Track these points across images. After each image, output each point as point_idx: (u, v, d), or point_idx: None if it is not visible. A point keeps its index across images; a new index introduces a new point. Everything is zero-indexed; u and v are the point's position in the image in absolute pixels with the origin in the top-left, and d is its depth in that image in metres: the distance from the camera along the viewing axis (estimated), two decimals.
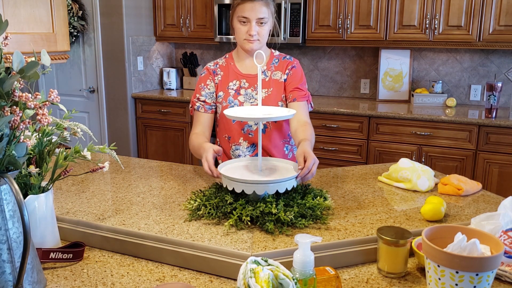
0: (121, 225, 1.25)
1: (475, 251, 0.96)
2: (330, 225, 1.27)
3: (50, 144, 1.16)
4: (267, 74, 1.85)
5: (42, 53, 1.00)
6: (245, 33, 1.73)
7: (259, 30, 1.72)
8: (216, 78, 1.86)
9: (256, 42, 1.74)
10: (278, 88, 1.83)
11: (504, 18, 3.18)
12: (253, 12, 1.68)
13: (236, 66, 1.86)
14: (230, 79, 1.84)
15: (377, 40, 3.57)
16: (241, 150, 1.86)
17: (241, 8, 1.70)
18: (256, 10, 1.69)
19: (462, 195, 1.55)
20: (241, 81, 1.84)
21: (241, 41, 1.77)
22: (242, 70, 1.85)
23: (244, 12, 1.69)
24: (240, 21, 1.72)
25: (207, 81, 1.86)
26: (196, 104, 1.85)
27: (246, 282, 0.84)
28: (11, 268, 0.94)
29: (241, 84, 1.83)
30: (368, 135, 3.42)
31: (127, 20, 4.09)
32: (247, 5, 1.69)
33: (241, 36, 1.75)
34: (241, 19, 1.71)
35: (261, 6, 1.69)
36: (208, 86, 1.85)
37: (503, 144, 3.06)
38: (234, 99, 1.83)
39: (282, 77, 1.84)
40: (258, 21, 1.71)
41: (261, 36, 1.74)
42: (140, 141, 4.32)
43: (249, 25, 1.71)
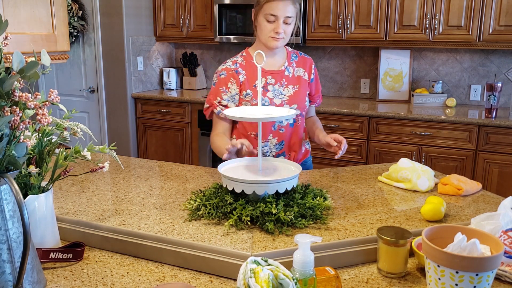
0: (121, 225, 1.25)
1: (475, 251, 0.96)
2: (330, 225, 1.27)
3: (50, 144, 1.16)
4: (289, 70, 1.88)
5: (42, 53, 1.00)
6: (271, 31, 1.74)
7: (285, 28, 1.74)
8: (241, 77, 1.83)
9: (281, 40, 1.76)
10: (304, 85, 1.90)
11: (504, 18, 3.18)
12: (282, 10, 1.71)
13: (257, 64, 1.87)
14: (256, 76, 1.82)
15: (377, 40, 3.57)
16: (269, 147, 1.86)
17: (270, 6, 1.71)
18: (285, 9, 1.71)
19: (462, 195, 1.55)
20: (267, 78, 1.84)
21: (266, 38, 1.77)
22: (265, 67, 1.84)
23: (273, 10, 1.71)
24: (267, 19, 1.73)
25: (228, 84, 1.82)
26: (217, 108, 1.82)
27: (246, 282, 0.84)
28: (11, 268, 0.94)
29: (268, 81, 1.84)
30: (368, 135, 3.42)
31: (127, 20, 4.09)
32: (276, 3, 1.71)
33: (267, 33, 1.76)
34: (269, 17, 1.72)
35: (289, 4, 1.72)
36: (229, 90, 1.82)
37: (503, 144, 3.06)
38: (263, 96, 1.82)
39: (305, 75, 1.91)
40: (285, 20, 1.73)
41: (286, 34, 1.76)
42: (140, 141, 4.32)
43: (276, 23, 1.73)
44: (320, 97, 2.03)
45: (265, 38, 1.77)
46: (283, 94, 1.84)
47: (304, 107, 1.89)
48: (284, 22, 1.73)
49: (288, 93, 1.85)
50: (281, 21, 1.72)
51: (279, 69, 1.86)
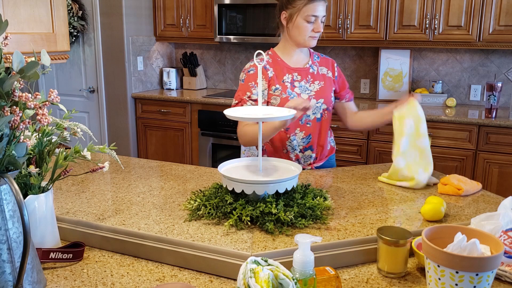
0: (121, 225, 1.25)
1: (475, 251, 0.96)
2: (330, 225, 1.27)
3: (50, 144, 1.16)
4: (314, 68, 1.97)
5: (42, 53, 1.00)
6: (311, 31, 1.84)
7: (322, 26, 1.87)
8: (269, 73, 1.89)
9: (316, 38, 1.88)
10: (329, 82, 1.98)
11: (504, 18, 3.18)
12: (321, 10, 1.83)
13: (284, 61, 1.93)
14: (283, 73, 1.91)
15: (377, 40, 3.57)
16: (296, 141, 1.92)
17: (310, 8, 1.81)
18: (323, 9, 1.84)
19: (462, 195, 1.55)
20: (293, 74, 1.92)
21: (304, 39, 1.86)
22: (290, 64, 1.93)
23: (314, 11, 1.81)
24: (307, 20, 1.82)
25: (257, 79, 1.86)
26: (247, 102, 1.87)
27: (246, 282, 0.84)
28: (11, 268, 0.94)
29: (294, 78, 1.92)
30: (368, 135, 3.42)
31: (127, 20, 4.09)
32: (317, 3, 1.81)
33: (306, 33, 1.84)
34: (310, 18, 1.81)
35: (324, 4, 1.85)
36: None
37: (503, 144, 3.06)
38: (292, 91, 1.89)
39: (329, 73, 2.00)
40: (322, 19, 1.85)
41: (321, 32, 1.88)
42: (140, 141, 4.32)
43: (316, 23, 1.83)
44: (349, 92, 2.08)
45: (304, 39, 1.86)
46: (309, 90, 1.92)
47: (330, 102, 1.96)
48: (321, 21, 1.85)
49: (315, 88, 1.93)
50: (319, 21, 1.84)
51: (304, 67, 1.95)
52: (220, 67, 4.55)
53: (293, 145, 1.92)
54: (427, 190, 1.60)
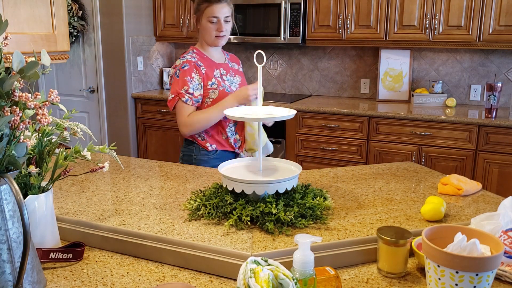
0: (121, 225, 1.25)
1: (475, 251, 0.96)
2: (330, 225, 1.27)
3: (50, 144, 1.16)
4: (231, 64, 2.20)
5: (42, 53, 1.00)
6: (215, 31, 2.03)
7: (226, 26, 2.04)
8: (202, 69, 2.04)
9: (224, 37, 2.07)
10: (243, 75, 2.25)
11: (504, 18, 3.18)
12: (221, 11, 2.00)
13: (209, 57, 2.11)
14: (212, 68, 2.08)
15: (377, 40, 3.57)
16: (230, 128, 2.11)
17: (211, 10, 1.99)
18: (223, 10, 2.00)
19: (462, 195, 1.55)
20: (220, 69, 2.11)
21: (212, 38, 2.05)
22: (216, 61, 2.12)
23: (214, 13, 1.99)
24: (210, 21, 2.01)
25: (192, 74, 2.02)
26: (184, 96, 2.00)
27: (246, 282, 0.84)
28: (11, 268, 0.94)
29: (221, 72, 2.11)
30: (368, 135, 3.42)
31: (127, 20, 4.09)
32: (216, 6, 1.99)
33: (212, 34, 2.03)
34: (211, 19, 2.00)
35: (226, 6, 2.01)
36: (194, 79, 2.02)
37: (503, 144, 3.06)
38: (224, 84, 2.08)
39: (240, 68, 2.27)
40: (225, 19, 2.02)
41: (227, 32, 2.06)
42: (140, 141, 4.31)
43: (219, 23, 2.01)
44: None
45: (211, 39, 2.05)
46: (235, 83, 2.13)
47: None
48: (224, 21, 2.02)
49: (238, 81, 2.16)
50: (222, 22, 2.01)
51: (225, 62, 2.17)
52: None
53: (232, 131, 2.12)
54: (427, 190, 1.60)
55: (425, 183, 1.68)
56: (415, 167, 1.88)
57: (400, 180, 1.70)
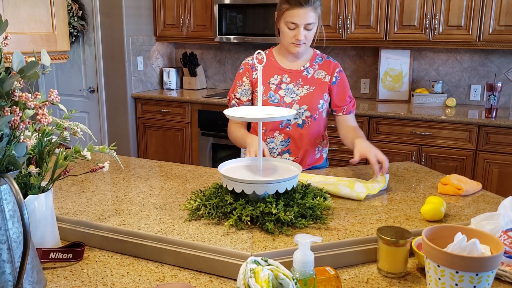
0: (121, 225, 1.25)
1: (475, 251, 0.96)
2: (330, 225, 1.27)
3: (50, 144, 1.16)
4: (309, 71, 1.90)
5: (42, 53, 1.00)
6: (292, 38, 1.76)
7: (306, 34, 1.76)
8: (254, 74, 1.89)
9: (303, 45, 1.79)
10: (322, 87, 1.90)
11: (504, 18, 3.18)
12: (302, 18, 1.71)
13: (277, 61, 1.90)
14: (272, 73, 1.88)
15: (377, 40, 3.57)
16: (275, 143, 1.92)
17: (290, 14, 1.72)
18: (305, 16, 1.71)
19: (462, 195, 1.55)
20: (283, 76, 1.88)
21: (287, 44, 1.80)
22: (283, 66, 1.90)
23: (293, 18, 1.71)
24: (288, 26, 1.75)
25: (243, 78, 1.91)
26: (232, 101, 1.93)
27: (246, 282, 0.84)
28: (11, 268, 0.94)
29: (283, 79, 1.87)
30: (368, 135, 3.41)
31: (127, 20, 4.09)
32: (296, 11, 1.70)
33: (288, 40, 1.78)
34: (290, 24, 1.74)
35: (310, 11, 1.71)
36: (244, 83, 1.91)
37: (503, 144, 3.06)
38: (274, 94, 1.86)
39: (327, 77, 1.90)
40: (306, 26, 1.73)
41: (308, 39, 1.78)
42: (140, 141, 4.32)
43: (297, 30, 1.74)
44: (349, 103, 1.96)
45: (287, 44, 1.80)
46: (295, 94, 1.86)
47: (316, 109, 1.89)
48: (305, 29, 1.74)
49: (302, 93, 1.86)
50: (302, 28, 1.73)
51: (298, 69, 1.88)
52: (220, 67, 4.55)
53: (270, 147, 1.92)
54: (427, 190, 1.60)
55: (425, 183, 1.68)
56: (415, 167, 1.88)
57: (400, 180, 1.70)
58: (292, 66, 1.89)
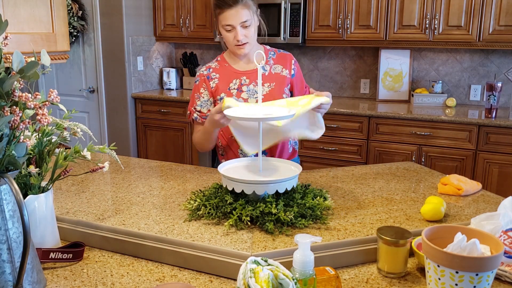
0: (121, 225, 1.25)
1: (475, 251, 0.96)
2: (330, 225, 1.27)
3: (50, 144, 1.16)
4: (266, 68, 1.86)
5: (42, 53, 1.00)
6: (234, 39, 1.75)
7: (246, 32, 1.74)
8: (212, 83, 1.85)
9: (247, 45, 1.77)
10: (281, 82, 1.87)
11: (504, 18, 3.18)
12: (235, 18, 1.70)
13: (231, 66, 1.87)
14: (230, 79, 1.85)
15: (377, 40, 3.57)
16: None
17: (223, 17, 1.72)
18: (238, 15, 1.70)
19: (462, 195, 1.55)
20: (241, 78, 1.84)
21: (232, 47, 1.79)
22: (239, 69, 1.86)
23: (227, 20, 1.71)
24: (225, 29, 1.74)
25: (200, 90, 1.86)
26: (193, 114, 1.87)
27: (246, 282, 0.84)
28: (11, 268, 0.94)
29: (242, 82, 1.84)
30: (368, 135, 3.42)
31: (127, 20, 4.09)
32: (228, 12, 1.70)
33: (231, 43, 1.77)
34: (226, 27, 1.73)
35: (241, 9, 1.70)
36: (202, 95, 1.86)
37: (503, 144, 3.06)
38: (237, 98, 1.82)
39: (284, 71, 1.88)
40: (242, 25, 1.72)
41: (249, 37, 1.76)
42: (140, 141, 4.32)
43: (235, 31, 1.73)
44: (307, 87, 1.97)
45: (232, 47, 1.79)
46: (257, 93, 1.81)
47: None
48: (242, 27, 1.72)
49: (263, 91, 1.83)
50: (239, 28, 1.72)
51: (254, 69, 1.85)
52: None
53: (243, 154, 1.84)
54: (427, 190, 1.60)
55: (425, 183, 1.68)
56: (415, 167, 1.88)
57: (400, 180, 1.70)
58: (247, 67, 1.86)
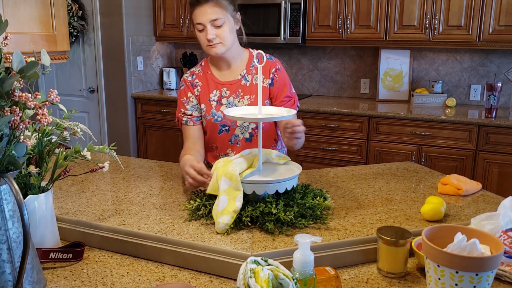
0: (121, 225, 1.25)
1: (475, 251, 0.96)
2: (330, 225, 1.27)
3: (50, 144, 1.16)
4: (247, 78, 1.75)
5: (42, 53, 1.00)
6: (205, 39, 1.65)
7: (218, 32, 1.63)
8: (196, 91, 1.77)
9: (219, 45, 1.65)
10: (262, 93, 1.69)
11: (504, 18, 3.18)
12: (204, 15, 1.61)
13: (213, 74, 1.78)
14: (210, 89, 1.76)
15: (377, 40, 3.57)
16: None
17: (194, 15, 1.64)
18: (208, 13, 1.60)
19: (462, 195, 1.55)
20: (222, 90, 1.75)
21: (205, 48, 1.69)
22: (220, 78, 1.77)
23: (197, 18, 1.63)
24: (197, 29, 1.65)
25: (188, 94, 1.78)
26: (183, 119, 1.78)
27: (246, 282, 0.84)
28: (11, 268, 0.94)
29: (222, 94, 1.75)
30: (368, 135, 3.42)
31: (127, 20, 4.09)
32: (198, 10, 1.62)
33: (203, 43, 1.67)
34: (198, 26, 1.64)
35: (212, 7, 1.60)
36: (190, 99, 1.77)
37: (503, 144, 3.06)
38: (217, 111, 1.74)
39: (266, 81, 1.75)
40: (213, 24, 1.61)
41: (222, 38, 1.64)
42: (140, 141, 4.31)
43: (205, 30, 1.63)
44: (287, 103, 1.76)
45: (205, 48, 1.69)
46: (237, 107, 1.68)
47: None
48: (213, 26, 1.62)
49: (243, 105, 1.73)
50: (209, 27, 1.61)
51: (235, 79, 1.75)
52: None
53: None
54: (427, 190, 1.60)
55: (425, 183, 1.68)
56: (415, 167, 1.88)
57: (400, 180, 1.70)
58: (229, 77, 1.76)
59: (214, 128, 1.77)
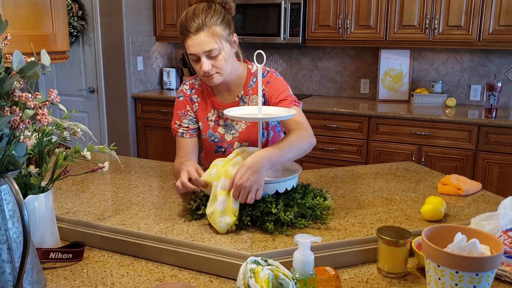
0: (121, 225, 1.25)
1: (475, 251, 0.96)
2: (330, 225, 1.27)
3: (50, 144, 1.16)
4: (245, 100, 1.63)
5: (42, 53, 1.00)
6: (200, 70, 1.51)
7: (214, 62, 1.49)
8: (194, 106, 1.69)
9: (216, 75, 1.51)
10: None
11: (504, 18, 3.18)
12: (197, 47, 1.46)
13: (212, 92, 1.68)
14: (208, 108, 1.68)
15: (377, 40, 3.57)
16: None
17: (187, 45, 1.49)
18: (201, 44, 1.45)
19: (462, 195, 1.55)
20: (219, 111, 1.66)
21: (201, 77, 1.56)
22: (220, 99, 1.67)
23: (190, 49, 1.48)
24: (191, 59, 1.52)
25: (186, 107, 1.69)
26: (179, 130, 1.68)
27: (246, 282, 0.84)
28: (11, 268, 0.94)
29: (220, 114, 1.67)
30: (368, 135, 3.42)
31: (127, 20, 4.09)
32: (190, 41, 1.46)
33: (199, 73, 1.54)
34: (191, 56, 1.50)
35: (205, 37, 1.45)
36: (188, 113, 1.69)
37: (503, 144, 3.06)
38: (214, 132, 1.68)
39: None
40: (207, 55, 1.47)
41: (219, 67, 1.50)
42: (140, 141, 4.32)
43: (200, 61, 1.49)
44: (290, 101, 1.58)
45: (201, 78, 1.57)
46: (235, 129, 1.65)
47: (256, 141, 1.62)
48: (208, 57, 1.48)
49: (240, 128, 1.66)
50: (204, 58, 1.47)
51: (233, 101, 1.65)
52: None
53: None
54: (427, 190, 1.60)
55: (425, 183, 1.68)
56: (415, 167, 1.88)
57: (400, 180, 1.70)
58: (227, 98, 1.66)
59: (210, 147, 1.72)
